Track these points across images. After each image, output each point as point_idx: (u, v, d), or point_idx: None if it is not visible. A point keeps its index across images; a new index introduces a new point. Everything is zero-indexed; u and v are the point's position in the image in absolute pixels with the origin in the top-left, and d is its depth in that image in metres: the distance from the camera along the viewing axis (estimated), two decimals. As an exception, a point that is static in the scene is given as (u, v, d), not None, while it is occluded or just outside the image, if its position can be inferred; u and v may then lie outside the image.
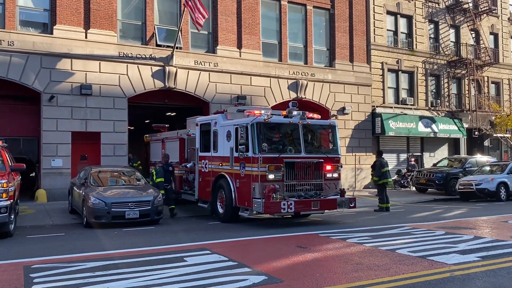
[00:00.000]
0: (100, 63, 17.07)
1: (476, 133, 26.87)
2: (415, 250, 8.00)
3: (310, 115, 12.45)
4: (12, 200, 9.79)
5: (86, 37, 16.93)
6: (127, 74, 17.57)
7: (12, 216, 10.00)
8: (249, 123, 11.37)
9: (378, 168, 15.39)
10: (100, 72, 17.08)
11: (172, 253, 7.97)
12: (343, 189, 12.36)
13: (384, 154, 23.87)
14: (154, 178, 13.44)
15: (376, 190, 20.12)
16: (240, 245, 9.18)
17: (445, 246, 8.39)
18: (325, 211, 12.40)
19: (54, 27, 16.49)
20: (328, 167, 12.00)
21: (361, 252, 8.03)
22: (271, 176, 11.11)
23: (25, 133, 17.45)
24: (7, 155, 11.36)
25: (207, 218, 13.08)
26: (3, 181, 9.54)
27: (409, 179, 23.34)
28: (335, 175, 12.21)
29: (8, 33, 15.71)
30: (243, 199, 11.58)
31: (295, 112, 12.06)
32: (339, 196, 11.97)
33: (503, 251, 7.98)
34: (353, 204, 12.06)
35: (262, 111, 11.91)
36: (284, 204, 10.76)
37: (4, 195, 9.46)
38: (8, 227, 9.78)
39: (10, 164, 11.12)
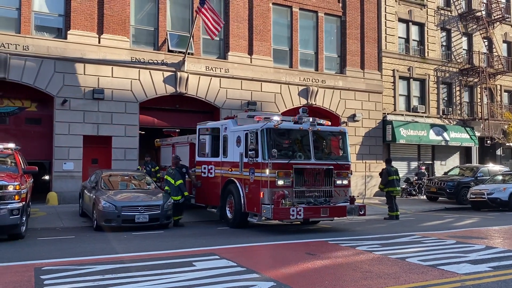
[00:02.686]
0: (112, 68, 17.25)
1: (488, 142, 26.58)
2: (426, 259, 7.92)
3: (320, 121, 12.44)
4: (24, 202, 9.91)
5: (99, 42, 17.14)
6: (139, 79, 17.74)
7: (24, 218, 10.11)
8: (259, 128, 11.39)
9: (385, 176, 15.31)
10: (112, 77, 17.26)
11: (181, 258, 7.99)
12: (353, 196, 12.30)
13: (394, 162, 23.75)
14: (173, 181, 12.81)
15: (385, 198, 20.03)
16: (249, 251, 9.17)
17: (456, 256, 8.30)
18: (335, 218, 12.33)
19: (68, 32, 16.73)
20: (338, 174, 11.96)
21: (371, 260, 7.97)
22: (280, 182, 11.11)
23: (38, 157, 17.18)
24: (20, 158, 11.52)
25: (216, 223, 13.09)
26: (15, 183, 9.65)
27: (416, 187, 23.16)
28: (345, 182, 12.16)
29: (24, 37, 15.97)
30: (252, 204, 11.59)
31: (305, 119, 12.07)
32: (348, 203, 11.90)
33: (516, 261, 7.87)
34: (362, 212, 11.99)
35: (273, 117, 11.94)
36: (293, 211, 10.74)
37: (16, 197, 9.58)
38: (20, 229, 9.88)
39: (22, 166, 11.27)
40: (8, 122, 16.92)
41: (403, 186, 23.45)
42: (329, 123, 13.01)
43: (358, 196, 18.99)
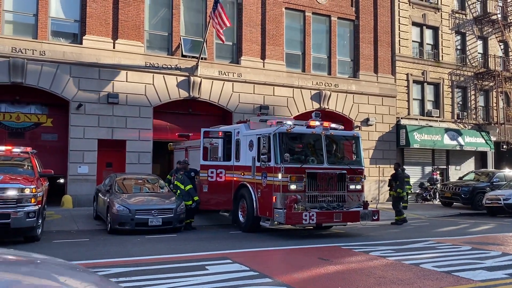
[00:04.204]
0: (127, 72, 17.45)
1: (504, 146, 26.18)
2: (440, 265, 7.83)
3: (333, 126, 12.40)
4: (40, 205, 10.05)
5: (114, 47, 17.36)
6: (153, 84, 17.91)
7: (40, 221, 10.25)
8: (271, 133, 11.40)
9: (403, 180, 15.18)
10: (127, 81, 17.46)
11: (194, 261, 8.03)
12: (366, 201, 12.23)
13: (409, 167, 23.55)
14: (183, 187, 12.89)
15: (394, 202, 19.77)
16: (262, 255, 9.16)
17: (472, 262, 8.19)
18: (348, 223, 12.27)
19: (84, 37, 16.98)
20: (351, 179, 11.89)
21: (384, 265, 7.91)
22: (293, 187, 11.09)
23: (54, 172, 17.00)
24: (36, 161, 11.70)
25: (228, 227, 13.11)
26: (32, 186, 9.81)
27: (431, 192, 22.91)
28: (358, 187, 12.09)
29: (40, 43, 16.26)
30: (264, 209, 11.58)
31: (318, 123, 12.04)
32: (362, 208, 11.83)
33: (533, 268, 7.73)
34: (376, 217, 11.91)
35: (287, 121, 11.94)
36: (305, 215, 10.71)
37: (32, 200, 9.72)
38: (36, 232, 10.03)
39: (38, 170, 11.44)
40: (25, 137, 17.06)
41: (417, 191, 23.27)
42: (343, 127, 12.96)
43: (371, 201, 18.89)
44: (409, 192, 20.65)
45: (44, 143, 17.18)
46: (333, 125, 12.35)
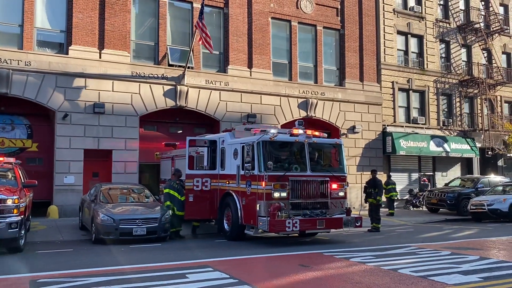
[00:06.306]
0: (113, 82, 17.50)
1: (489, 152, 26.57)
2: (417, 270, 7.96)
3: (317, 133, 12.54)
4: (23, 216, 10.04)
5: (100, 57, 17.43)
6: (139, 93, 17.97)
7: (23, 232, 10.22)
8: (255, 141, 11.52)
9: (381, 187, 15.40)
10: (113, 91, 17.50)
11: (175, 270, 8.07)
12: (349, 208, 12.36)
13: (395, 174, 23.74)
14: (179, 197, 12.97)
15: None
16: (243, 263, 9.23)
17: (449, 267, 8.33)
18: (332, 230, 12.38)
19: (70, 47, 17.03)
20: (334, 186, 12.03)
21: (363, 271, 8.02)
22: (276, 194, 11.19)
23: (39, 196, 15.67)
24: (20, 172, 11.69)
25: (214, 236, 13.15)
26: (14, 197, 9.79)
27: (421, 199, 23.12)
28: (341, 193, 12.23)
29: (26, 53, 16.28)
30: (249, 217, 11.66)
31: (301, 131, 12.18)
32: (345, 215, 11.96)
33: (507, 272, 7.88)
34: (359, 223, 12.03)
35: (271, 130, 12.06)
36: (289, 223, 10.80)
37: (15, 211, 9.70)
38: (19, 242, 9.98)
39: (22, 180, 11.43)
40: None
41: (406, 197, 23.49)
42: (326, 135, 13.10)
43: (355, 208, 19.03)
44: (396, 198, 20.96)
45: (29, 168, 16.15)
46: (316, 133, 12.50)
